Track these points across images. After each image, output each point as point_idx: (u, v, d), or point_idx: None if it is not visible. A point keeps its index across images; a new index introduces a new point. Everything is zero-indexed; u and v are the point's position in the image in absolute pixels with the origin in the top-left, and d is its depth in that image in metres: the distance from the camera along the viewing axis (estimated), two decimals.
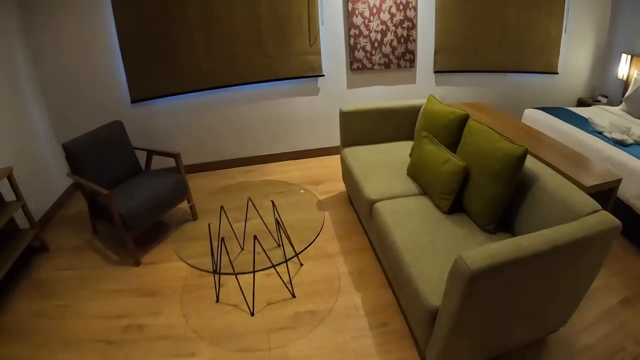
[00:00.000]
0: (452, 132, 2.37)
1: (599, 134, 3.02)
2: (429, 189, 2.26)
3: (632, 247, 2.53)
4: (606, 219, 1.49)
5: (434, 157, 2.23)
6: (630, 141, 2.86)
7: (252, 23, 3.37)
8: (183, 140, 3.68)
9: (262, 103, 3.69)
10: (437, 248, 1.81)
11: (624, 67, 4.19)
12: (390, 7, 3.56)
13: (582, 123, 3.27)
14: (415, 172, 2.42)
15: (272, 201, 2.29)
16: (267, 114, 3.75)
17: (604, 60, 4.56)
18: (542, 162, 2.14)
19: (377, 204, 2.22)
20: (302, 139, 3.93)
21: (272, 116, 3.77)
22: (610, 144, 2.85)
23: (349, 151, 2.91)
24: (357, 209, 2.73)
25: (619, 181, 2.23)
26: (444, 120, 2.42)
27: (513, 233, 1.93)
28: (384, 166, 2.61)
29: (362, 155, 2.79)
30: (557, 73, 4.23)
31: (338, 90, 3.80)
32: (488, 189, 1.91)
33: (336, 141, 3.91)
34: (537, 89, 4.29)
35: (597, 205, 1.58)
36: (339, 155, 3.70)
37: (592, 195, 1.69)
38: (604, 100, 4.41)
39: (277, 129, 3.84)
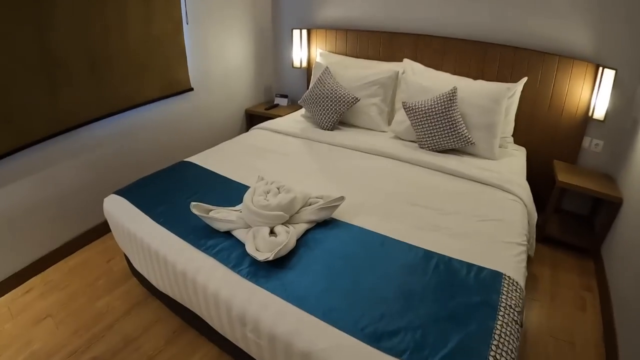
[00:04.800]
0: None
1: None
2: None
3: None
4: None
5: None
6: (289, 244, 1.34)
7: None
8: None
9: None
10: None
11: (299, 50, 3.05)
12: None
13: (219, 198, 1.66)
14: None
15: None
16: None
17: (273, 46, 3.36)
18: None
19: None
20: None
21: None
22: (244, 275, 1.29)
23: None
24: None
25: None
26: None
27: None
28: None
29: None
30: (192, 89, 2.71)
31: None
32: None
33: None
34: (170, 121, 2.65)
35: None
36: None
37: None
38: (284, 102, 3.32)
39: None
